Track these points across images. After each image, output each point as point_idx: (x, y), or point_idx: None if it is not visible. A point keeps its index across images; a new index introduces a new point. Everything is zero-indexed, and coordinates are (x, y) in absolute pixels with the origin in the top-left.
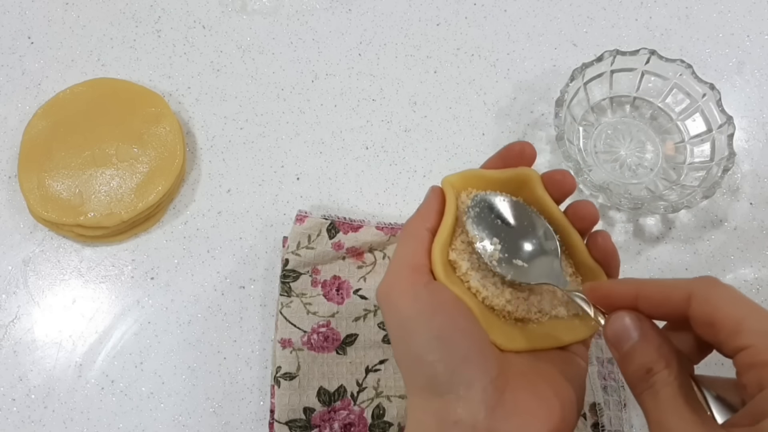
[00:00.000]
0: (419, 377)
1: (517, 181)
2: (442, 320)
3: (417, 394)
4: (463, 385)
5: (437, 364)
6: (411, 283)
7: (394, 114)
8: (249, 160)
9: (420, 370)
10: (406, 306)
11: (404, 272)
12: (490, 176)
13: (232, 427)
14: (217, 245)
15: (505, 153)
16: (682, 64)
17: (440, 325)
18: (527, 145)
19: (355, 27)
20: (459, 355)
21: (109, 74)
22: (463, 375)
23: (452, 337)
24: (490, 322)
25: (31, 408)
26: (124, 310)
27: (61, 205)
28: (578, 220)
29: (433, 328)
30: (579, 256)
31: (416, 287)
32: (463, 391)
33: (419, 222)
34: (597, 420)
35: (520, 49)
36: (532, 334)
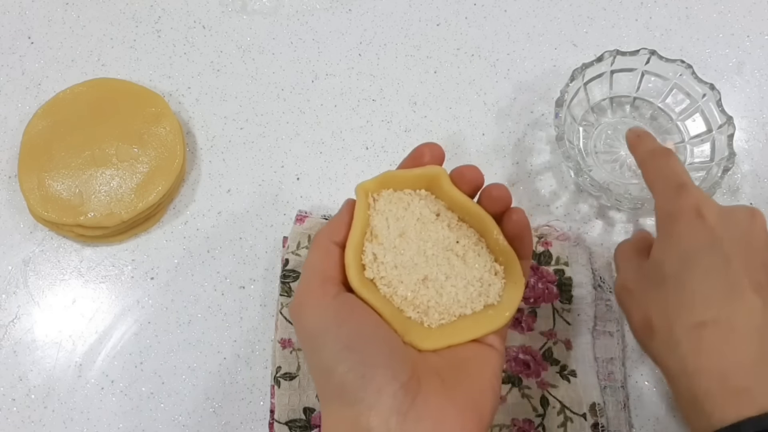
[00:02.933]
0: (330, 388)
1: (428, 179)
2: (350, 329)
3: (329, 404)
4: (373, 393)
5: (347, 374)
6: (320, 295)
7: (394, 114)
8: (249, 160)
9: (330, 380)
10: (314, 319)
11: (313, 285)
12: (403, 176)
13: (232, 427)
14: (217, 245)
15: (415, 155)
16: (682, 65)
17: (348, 334)
18: (434, 146)
19: (355, 27)
20: (367, 363)
21: (109, 74)
22: (372, 382)
23: (360, 346)
24: (406, 325)
25: (31, 408)
26: (124, 310)
27: (61, 205)
28: (491, 202)
29: (341, 338)
30: (492, 240)
31: (325, 299)
32: (374, 399)
33: (326, 235)
34: (597, 420)
35: (520, 49)
36: (448, 330)
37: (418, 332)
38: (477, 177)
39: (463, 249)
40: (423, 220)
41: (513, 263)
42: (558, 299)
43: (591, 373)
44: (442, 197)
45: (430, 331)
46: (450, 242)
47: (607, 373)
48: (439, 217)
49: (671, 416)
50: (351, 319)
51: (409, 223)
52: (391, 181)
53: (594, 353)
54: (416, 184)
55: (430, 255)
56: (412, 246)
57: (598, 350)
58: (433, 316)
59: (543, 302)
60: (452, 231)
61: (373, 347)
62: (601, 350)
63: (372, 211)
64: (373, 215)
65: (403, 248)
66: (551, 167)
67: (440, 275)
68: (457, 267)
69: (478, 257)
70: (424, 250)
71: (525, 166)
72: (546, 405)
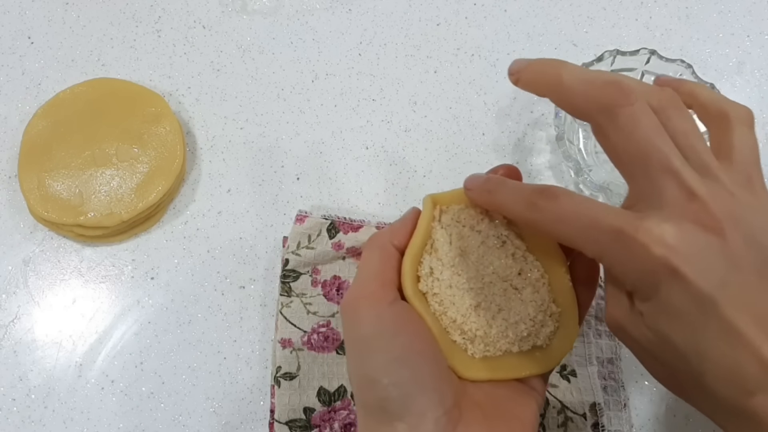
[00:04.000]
0: (371, 398)
1: None
2: (404, 342)
3: (367, 415)
4: (416, 415)
5: (391, 387)
6: (377, 299)
7: (394, 114)
8: (249, 160)
9: (373, 391)
10: (369, 323)
11: (372, 286)
12: None
13: (232, 427)
14: (217, 245)
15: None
16: (682, 64)
17: (401, 346)
18: (513, 169)
19: (355, 27)
20: (415, 381)
21: (109, 74)
22: (416, 403)
23: (410, 361)
24: (451, 348)
25: (31, 408)
26: (124, 310)
27: (61, 205)
28: None
29: (393, 349)
30: (556, 278)
31: (382, 305)
32: (415, 422)
33: (387, 236)
34: (597, 420)
35: (520, 49)
36: (492, 364)
37: (462, 359)
38: None
39: (523, 283)
40: (488, 244)
41: (572, 308)
42: None
43: (591, 373)
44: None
45: (474, 361)
46: (511, 273)
47: (607, 373)
48: (506, 245)
49: (671, 416)
50: (406, 330)
51: (472, 244)
52: (464, 197)
53: (594, 353)
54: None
55: (487, 282)
56: (471, 269)
57: (598, 350)
58: (478, 346)
59: None
60: (516, 261)
61: (423, 366)
62: (601, 350)
63: (436, 223)
64: (436, 228)
65: (462, 269)
66: (551, 167)
67: (494, 306)
68: (513, 301)
69: (536, 294)
70: (482, 276)
71: (525, 166)
72: (546, 405)
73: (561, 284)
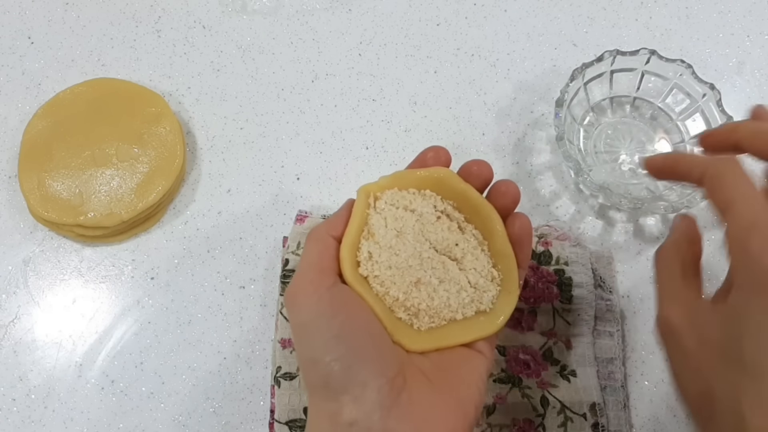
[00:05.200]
0: (315, 378)
1: (434, 179)
2: (342, 320)
3: (314, 394)
4: (358, 386)
5: (333, 363)
6: (316, 285)
7: (394, 114)
8: (249, 160)
9: (316, 370)
10: (308, 307)
11: (310, 275)
12: (408, 176)
13: (232, 427)
14: (217, 245)
15: (421, 157)
16: (682, 64)
17: (340, 324)
18: (441, 149)
19: (355, 27)
20: (355, 355)
21: (109, 74)
22: (358, 374)
23: (350, 337)
24: (396, 325)
25: (31, 408)
26: (124, 310)
27: (61, 205)
28: (499, 198)
29: (333, 327)
30: (496, 242)
31: (320, 290)
32: (358, 392)
33: (324, 229)
34: (597, 420)
35: (520, 49)
36: (437, 334)
37: (407, 333)
38: (485, 172)
39: (462, 252)
40: (423, 221)
41: (511, 271)
42: (558, 299)
43: (591, 373)
44: (451, 196)
45: (419, 334)
46: (448, 244)
47: (607, 373)
48: (441, 219)
49: (671, 416)
50: (344, 310)
51: (408, 223)
52: (396, 181)
53: (594, 353)
54: (422, 184)
55: (426, 258)
56: (409, 247)
57: (598, 350)
58: (423, 319)
59: (543, 302)
60: (452, 233)
61: (362, 340)
62: (601, 350)
63: (371, 210)
64: (371, 214)
65: (399, 249)
66: (551, 167)
67: (433, 279)
68: (452, 271)
69: (476, 261)
70: (420, 251)
71: (525, 166)
72: (546, 405)
73: (500, 249)
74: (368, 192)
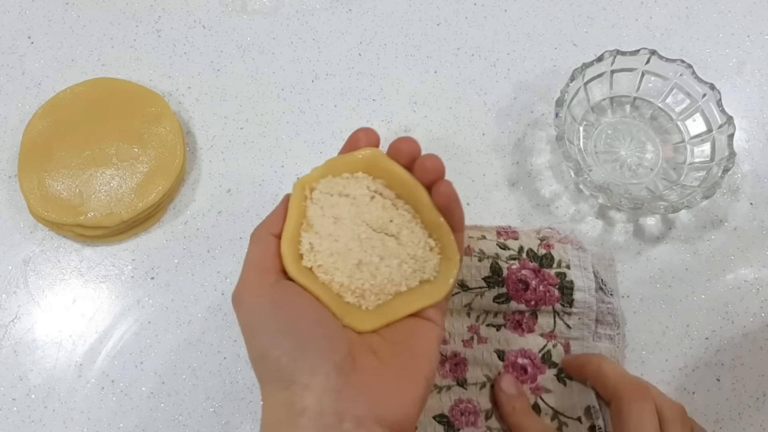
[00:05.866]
0: (266, 372)
1: (365, 161)
2: (285, 315)
3: (266, 386)
4: (307, 374)
5: (281, 357)
6: (258, 284)
7: (394, 114)
8: (249, 160)
9: (265, 364)
10: (251, 307)
11: (251, 275)
12: (340, 161)
13: (232, 427)
14: (217, 245)
15: (351, 141)
16: (682, 64)
17: (283, 319)
18: (369, 130)
19: (355, 27)
20: (301, 346)
21: (109, 74)
22: (305, 364)
23: (294, 330)
24: (345, 309)
25: (31, 408)
26: (124, 310)
27: (61, 205)
28: (424, 174)
29: (276, 323)
30: (427, 214)
31: (262, 288)
32: (307, 380)
33: (264, 228)
34: (593, 423)
35: (520, 49)
36: (384, 309)
37: (357, 315)
38: (413, 148)
39: (397, 227)
40: (358, 203)
41: (447, 237)
42: (559, 302)
43: None
44: (381, 175)
45: (368, 313)
46: (383, 222)
47: None
48: (374, 199)
49: None
50: (287, 305)
51: (343, 208)
52: (329, 169)
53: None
54: (353, 168)
55: (364, 238)
56: (347, 232)
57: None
58: (369, 299)
59: (544, 305)
60: (386, 211)
61: (306, 330)
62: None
63: (308, 202)
64: (309, 206)
65: (338, 235)
66: (551, 167)
67: (374, 257)
68: (390, 247)
69: (412, 234)
70: (358, 234)
71: (525, 166)
72: (538, 412)
73: (432, 219)
74: (303, 184)
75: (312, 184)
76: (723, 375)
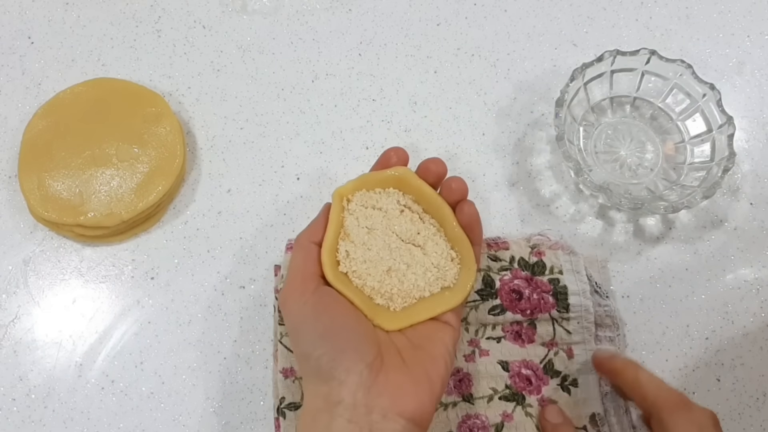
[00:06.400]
0: (308, 369)
1: (396, 178)
2: (325, 321)
3: (309, 381)
4: (343, 372)
5: (321, 357)
6: (301, 291)
7: (394, 114)
8: (249, 160)
9: (309, 363)
10: (296, 312)
11: (296, 282)
12: (374, 177)
13: (232, 427)
14: (217, 245)
15: (383, 159)
16: (682, 64)
17: (323, 325)
18: (399, 150)
19: (355, 27)
20: (338, 349)
21: (109, 74)
22: (342, 364)
23: (332, 335)
24: (375, 310)
25: (31, 408)
26: (124, 310)
27: (61, 205)
28: (450, 193)
29: (318, 328)
30: (450, 230)
31: (305, 295)
32: (343, 377)
33: (306, 237)
34: (599, 430)
35: (520, 49)
36: (410, 312)
37: (385, 316)
38: (440, 169)
39: (423, 239)
40: (389, 216)
41: (467, 250)
42: (555, 308)
43: (593, 380)
44: (411, 191)
45: (395, 314)
46: (412, 234)
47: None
48: (404, 213)
49: None
50: (326, 311)
51: (376, 221)
52: (363, 183)
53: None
54: (385, 184)
55: (394, 248)
56: (379, 241)
57: None
58: (397, 301)
59: (540, 312)
60: (414, 224)
61: (343, 335)
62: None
63: (346, 212)
64: (346, 216)
65: (371, 244)
66: (551, 167)
67: (402, 265)
68: (417, 256)
69: (436, 246)
70: (388, 243)
71: (525, 166)
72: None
73: (454, 233)
74: (341, 196)
75: (348, 195)
76: (723, 375)
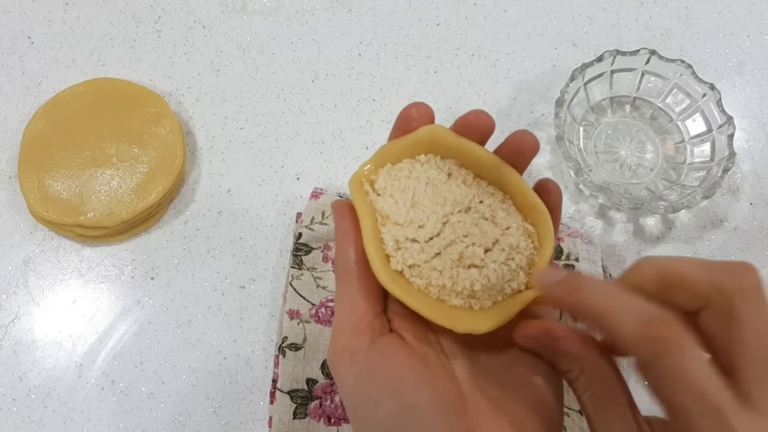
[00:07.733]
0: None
1: (425, 141)
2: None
3: None
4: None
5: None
6: (351, 352)
7: (394, 114)
8: (249, 160)
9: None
10: (349, 386)
11: (344, 337)
12: (396, 147)
13: (232, 427)
14: (217, 245)
15: (402, 120)
16: (682, 64)
17: (387, 413)
18: (421, 104)
19: (355, 27)
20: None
21: (109, 74)
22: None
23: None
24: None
25: (31, 408)
26: (124, 310)
27: (61, 205)
28: (517, 154)
29: (379, 416)
30: (519, 195)
31: (357, 358)
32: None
33: (342, 257)
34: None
35: (520, 49)
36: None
37: (471, 318)
38: (487, 123)
39: (491, 210)
40: (433, 183)
41: (545, 223)
42: None
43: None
44: (450, 155)
45: (483, 312)
46: (473, 201)
47: None
48: (452, 177)
49: None
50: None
51: (418, 190)
52: (386, 156)
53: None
54: (414, 150)
55: (455, 222)
56: (429, 212)
57: None
58: (484, 300)
59: None
60: (471, 188)
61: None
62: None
63: (372, 195)
64: (375, 199)
65: (421, 220)
66: (551, 167)
67: (477, 249)
68: (490, 233)
69: (509, 218)
70: (445, 215)
71: None
72: None
73: (527, 200)
74: (359, 180)
75: (370, 177)
76: None
